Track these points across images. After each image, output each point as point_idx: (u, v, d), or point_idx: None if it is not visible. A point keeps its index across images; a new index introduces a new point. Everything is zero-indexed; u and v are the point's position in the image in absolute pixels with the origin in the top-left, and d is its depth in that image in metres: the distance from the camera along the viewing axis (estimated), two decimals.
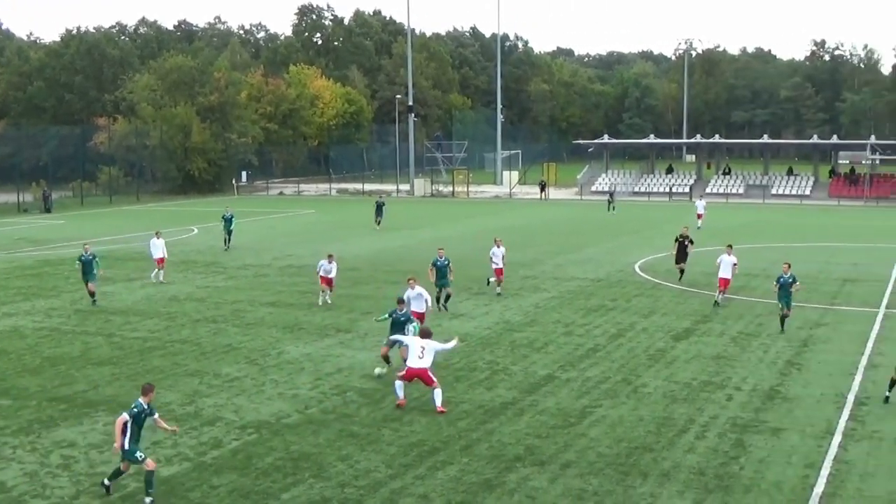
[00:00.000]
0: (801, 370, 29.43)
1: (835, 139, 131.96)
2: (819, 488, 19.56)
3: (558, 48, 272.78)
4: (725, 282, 39.71)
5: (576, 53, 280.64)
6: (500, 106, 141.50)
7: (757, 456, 21.45)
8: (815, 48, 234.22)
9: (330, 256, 40.57)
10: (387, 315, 29.46)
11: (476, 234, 66.78)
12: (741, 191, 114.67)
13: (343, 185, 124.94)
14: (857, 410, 25.09)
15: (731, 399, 26.07)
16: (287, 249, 59.17)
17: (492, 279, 42.76)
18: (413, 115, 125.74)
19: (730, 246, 41.08)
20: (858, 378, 28.39)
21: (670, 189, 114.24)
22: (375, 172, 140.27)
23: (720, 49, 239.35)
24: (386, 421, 24.02)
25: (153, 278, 46.50)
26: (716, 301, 39.64)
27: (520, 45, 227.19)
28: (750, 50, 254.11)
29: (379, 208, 73.56)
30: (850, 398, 26.20)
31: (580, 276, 47.60)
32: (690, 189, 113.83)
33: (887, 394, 25.81)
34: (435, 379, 24.94)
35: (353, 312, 38.36)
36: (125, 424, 18.84)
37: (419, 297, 32.37)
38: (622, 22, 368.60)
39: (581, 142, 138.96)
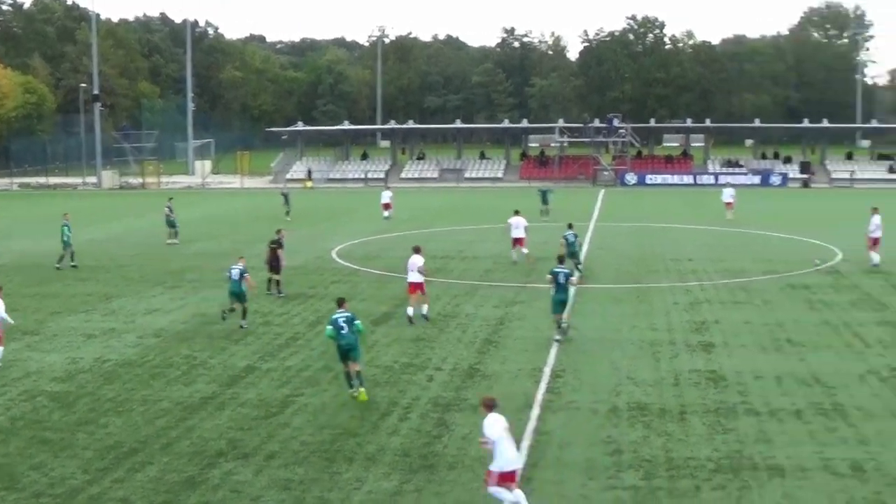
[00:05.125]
0: (498, 347, 30.12)
1: (525, 123, 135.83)
2: (521, 460, 19.98)
3: (251, 34, 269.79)
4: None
5: (268, 40, 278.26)
6: (190, 94, 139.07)
7: (460, 433, 21.79)
8: (504, 35, 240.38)
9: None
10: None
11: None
12: (435, 175, 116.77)
13: (26, 180, 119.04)
14: (554, 383, 25.87)
15: (431, 380, 26.41)
16: None
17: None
18: (99, 104, 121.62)
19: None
20: (553, 352, 29.28)
21: (365, 175, 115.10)
22: (60, 165, 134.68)
23: (413, 36, 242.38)
24: (80, 424, 23.02)
25: None
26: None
27: (210, 31, 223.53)
28: (441, 37, 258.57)
29: (286, 199, 72.24)
30: (547, 371, 27.01)
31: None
32: (386, 175, 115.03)
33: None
34: None
35: (40, 313, 36.68)
36: None
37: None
38: (315, 8, 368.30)
39: (274, 129, 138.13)
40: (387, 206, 70.97)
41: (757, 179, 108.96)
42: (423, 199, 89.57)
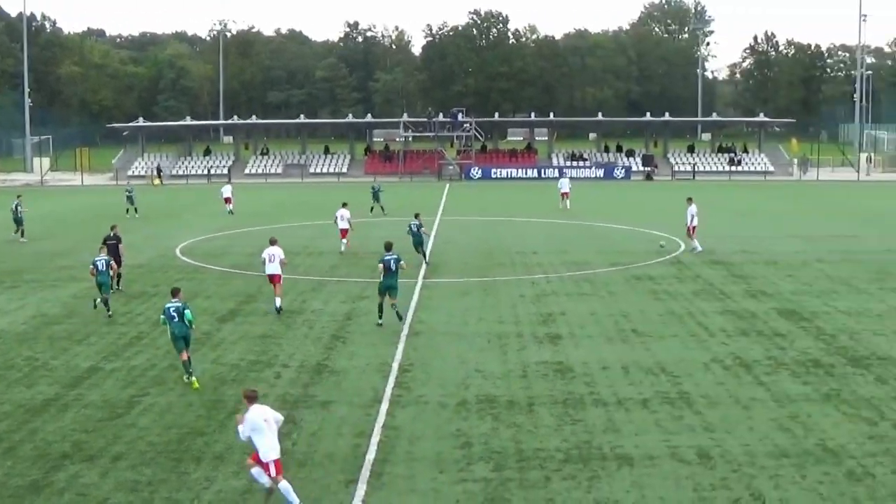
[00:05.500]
0: (345, 343, 29.97)
1: (369, 118, 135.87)
2: (371, 455, 19.94)
3: (89, 28, 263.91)
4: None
5: (108, 34, 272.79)
6: (27, 90, 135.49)
7: (309, 430, 21.59)
8: (348, 30, 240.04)
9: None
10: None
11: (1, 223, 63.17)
12: (280, 170, 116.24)
13: None
14: (402, 377, 25.81)
15: (279, 377, 26.14)
16: None
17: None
18: None
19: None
20: (401, 346, 29.23)
21: (209, 171, 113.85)
22: None
23: (255, 30, 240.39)
24: None
25: None
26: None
27: (48, 25, 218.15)
28: (284, 31, 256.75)
29: (130, 197, 71.30)
30: (395, 366, 26.94)
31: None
32: (229, 170, 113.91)
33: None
34: None
35: None
36: None
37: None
38: (155, 2, 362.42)
39: (115, 125, 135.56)
40: (227, 201, 71.48)
41: (601, 172, 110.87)
42: (268, 194, 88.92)
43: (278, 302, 34.52)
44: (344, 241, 49.50)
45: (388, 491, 18.23)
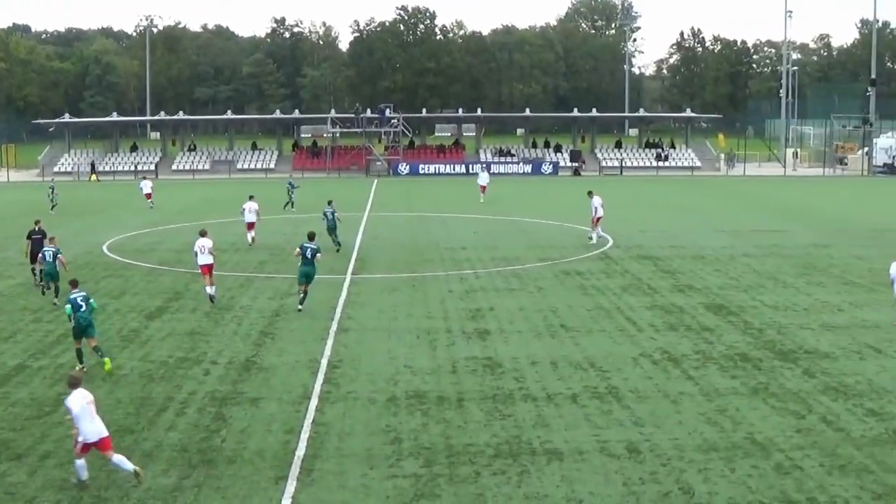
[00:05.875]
0: (274, 339, 29.84)
1: (297, 114, 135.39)
2: (300, 451, 19.88)
3: (14, 24, 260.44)
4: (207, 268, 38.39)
5: (33, 30, 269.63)
6: None
7: (238, 427, 21.48)
8: (275, 25, 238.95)
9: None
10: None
11: None
12: (207, 166, 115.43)
13: None
14: (331, 373, 25.75)
15: (208, 374, 25.97)
16: None
17: None
18: None
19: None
20: (330, 342, 29.17)
21: (136, 167, 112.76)
22: None
23: (182, 26, 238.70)
24: None
25: None
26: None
27: None
28: (211, 27, 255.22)
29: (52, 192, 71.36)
30: (324, 362, 26.86)
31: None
32: (156, 167, 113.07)
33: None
34: None
35: None
36: None
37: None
38: None
39: (41, 121, 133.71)
40: (148, 196, 71.86)
41: (528, 168, 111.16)
42: (195, 190, 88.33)
43: (212, 290, 35.24)
44: (251, 233, 50.56)
45: (318, 487, 18.19)
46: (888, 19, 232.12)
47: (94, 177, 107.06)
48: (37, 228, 39.87)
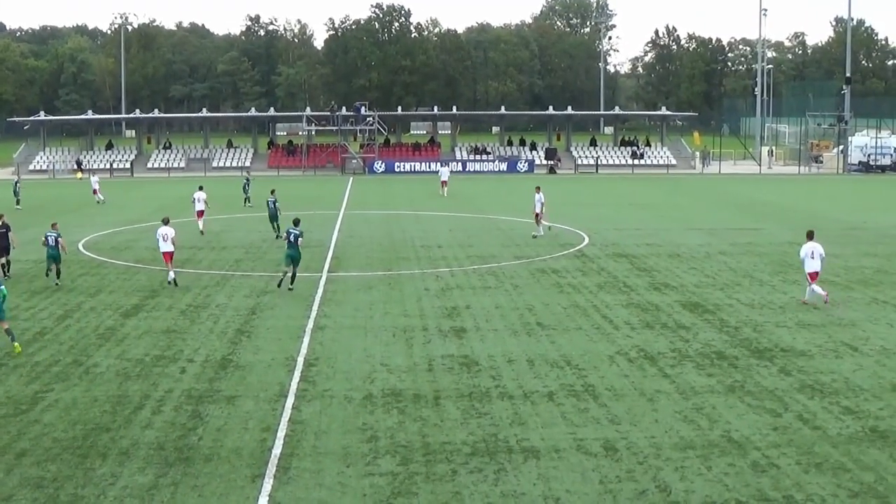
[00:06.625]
0: (251, 337, 29.78)
1: (272, 112, 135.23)
2: (277, 450, 19.85)
3: None
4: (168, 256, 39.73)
5: (7, 27, 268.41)
6: None
7: (214, 425, 21.43)
8: (250, 23, 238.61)
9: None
10: None
11: None
12: (183, 164, 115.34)
13: None
14: (308, 372, 25.71)
15: (184, 372, 25.90)
16: None
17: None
18: None
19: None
20: (306, 340, 29.13)
21: (111, 165, 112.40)
22: None
23: (156, 24, 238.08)
24: None
25: None
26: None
27: None
28: (186, 24, 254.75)
29: (15, 188, 72.16)
30: (300, 360, 26.82)
31: (22, 258, 45.24)
32: (131, 164, 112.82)
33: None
34: None
35: None
36: None
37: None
38: None
39: (16, 119, 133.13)
40: (95, 192, 74.43)
41: (504, 166, 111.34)
42: (171, 188, 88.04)
43: (171, 275, 38.06)
44: (200, 221, 54.12)
45: (295, 485, 18.16)
46: (863, 17, 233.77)
47: (80, 174, 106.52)
48: (1, 223, 40.07)
